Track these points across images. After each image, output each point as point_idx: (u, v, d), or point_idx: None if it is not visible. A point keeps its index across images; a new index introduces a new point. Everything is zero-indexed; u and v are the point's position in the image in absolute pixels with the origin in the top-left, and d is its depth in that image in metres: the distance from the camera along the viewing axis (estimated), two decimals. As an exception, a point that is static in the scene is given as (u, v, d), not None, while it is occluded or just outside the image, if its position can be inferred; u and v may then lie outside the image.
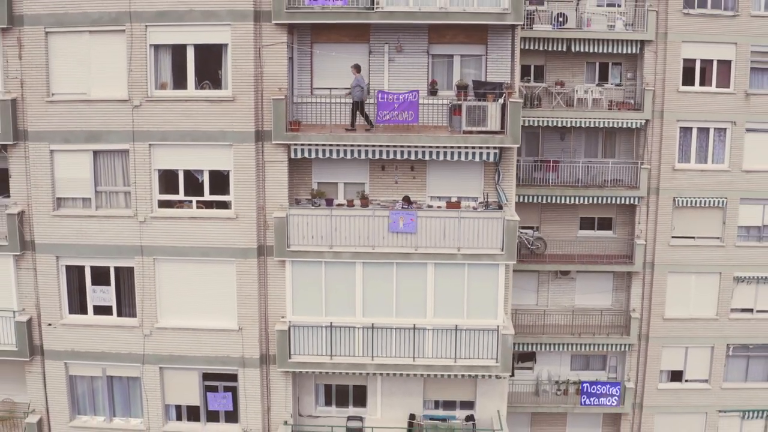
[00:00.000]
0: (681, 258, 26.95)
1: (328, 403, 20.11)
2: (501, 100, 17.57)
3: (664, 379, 28.00)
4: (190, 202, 18.54)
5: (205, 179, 18.36)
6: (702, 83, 26.25)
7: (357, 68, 17.88)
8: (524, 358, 28.18)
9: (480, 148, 17.92)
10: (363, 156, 18.17)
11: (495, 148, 17.97)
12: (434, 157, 18.18)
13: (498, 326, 18.31)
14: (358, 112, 17.95)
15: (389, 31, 18.27)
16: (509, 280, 18.57)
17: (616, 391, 26.93)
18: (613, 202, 26.58)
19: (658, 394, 27.85)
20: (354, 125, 18.10)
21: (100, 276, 19.09)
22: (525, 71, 26.39)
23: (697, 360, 27.83)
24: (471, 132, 17.68)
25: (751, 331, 27.69)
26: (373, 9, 17.23)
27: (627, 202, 26.62)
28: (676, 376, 27.97)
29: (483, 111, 17.36)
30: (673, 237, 26.91)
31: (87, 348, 19.32)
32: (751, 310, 27.68)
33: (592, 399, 27.10)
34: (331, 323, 18.42)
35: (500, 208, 18.44)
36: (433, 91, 18.52)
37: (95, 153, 18.44)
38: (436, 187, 19.03)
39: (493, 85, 17.85)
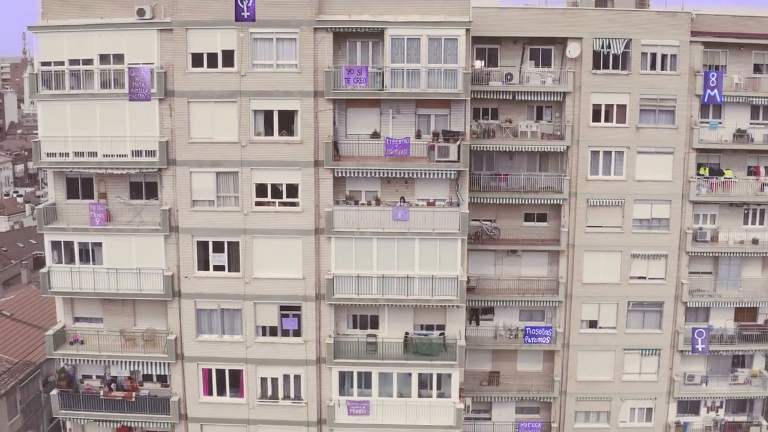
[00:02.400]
0: (593, 241, 41.06)
1: (354, 326, 34.55)
2: (458, 143, 31.88)
3: (584, 327, 42.05)
4: (274, 202, 32.83)
5: (284, 189, 32.71)
6: (606, 120, 40.24)
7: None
8: (486, 312, 42.21)
9: (446, 170, 32.26)
10: (377, 175, 32.57)
11: (454, 170, 32.27)
12: (419, 175, 32.56)
13: (457, 275, 32.66)
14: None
15: (392, 102, 32.64)
16: (464, 248, 32.98)
17: (549, 332, 41.01)
18: (546, 202, 40.56)
19: (580, 337, 42.00)
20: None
21: (218, 247, 33.40)
22: (484, 112, 40.44)
23: (607, 313, 41.94)
24: (440, 161, 32.01)
25: (644, 292, 41.81)
26: (383, 90, 31.56)
27: (555, 203, 40.65)
28: (593, 324, 42.03)
29: (447, 149, 31.71)
30: (587, 227, 40.99)
31: (208, 291, 33.66)
32: (644, 278, 41.78)
33: (532, 339, 41.18)
34: (357, 274, 32.83)
35: (458, 205, 32.74)
36: (418, 136, 32.89)
37: (217, 173, 32.76)
38: (421, 193, 33.47)
39: (453, 133, 32.20)
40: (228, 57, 32.34)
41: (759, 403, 44.49)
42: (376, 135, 33.06)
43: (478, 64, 39.70)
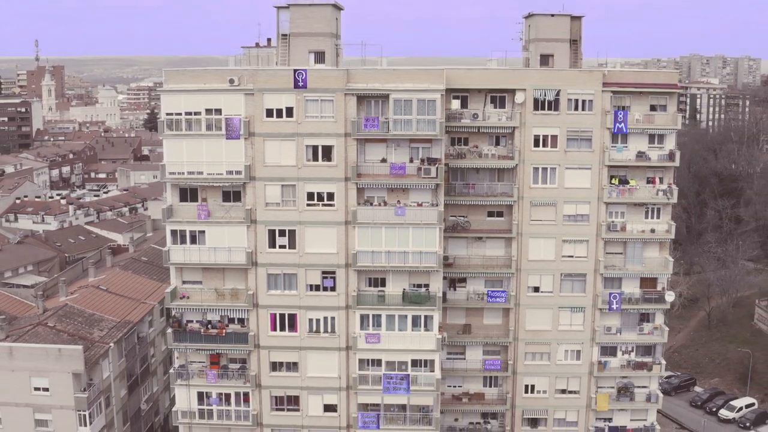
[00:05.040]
0: (535, 230, 61.96)
1: (370, 285, 55.86)
2: (436, 165, 52.94)
3: (530, 291, 62.96)
4: (319, 204, 53.92)
5: (325, 195, 53.92)
6: (543, 146, 61.13)
7: None
8: (460, 281, 63.08)
9: (428, 183, 53.42)
10: (384, 186, 53.81)
11: (434, 183, 53.35)
12: (411, 186, 53.82)
13: (436, 251, 53.77)
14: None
15: (394, 139, 53.87)
16: (441, 233, 54.44)
17: (504, 295, 61.94)
18: (502, 203, 61.52)
19: (527, 299, 62.92)
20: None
21: (282, 233, 54.67)
22: (459, 140, 61.36)
23: (546, 281, 62.82)
24: (425, 177, 53.21)
25: (572, 267, 62.71)
26: (388, 132, 52.65)
27: (508, 204, 61.59)
28: (536, 289, 62.98)
29: (429, 169, 52.85)
30: (531, 220, 61.91)
31: (275, 262, 54.92)
32: (572, 256, 62.63)
33: (493, 299, 62.13)
34: (372, 250, 53.97)
35: (437, 206, 53.73)
36: (411, 161, 53.99)
37: (282, 186, 53.93)
38: (413, 197, 54.84)
39: (434, 160, 53.37)
40: (289, 111, 53.38)
41: (659, 348, 65.39)
42: (383, 161, 54.14)
43: (456, 104, 60.52)
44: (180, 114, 54.10)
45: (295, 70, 53.00)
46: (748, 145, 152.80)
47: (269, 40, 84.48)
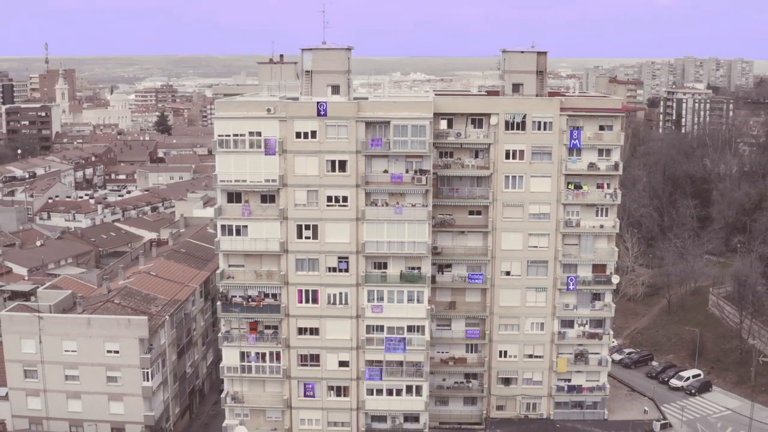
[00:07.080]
0: (507, 226, 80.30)
1: (374, 267, 74.86)
2: (426, 176, 71.22)
3: (503, 275, 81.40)
4: (336, 205, 72.36)
5: (341, 198, 72.21)
6: (513, 158, 79.41)
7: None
8: (447, 266, 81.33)
9: (420, 189, 71.81)
10: (386, 191, 72.04)
11: (425, 189, 71.68)
12: (407, 191, 71.93)
13: (426, 241, 72.18)
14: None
15: (394, 155, 72.13)
16: (430, 228, 73.01)
17: (482, 277, 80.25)
18: (480, 204, 79.67)
19: (501, 280, 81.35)
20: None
21: (307, 227, 73.18)
22: (445, 154, 79.53)
23: (516, 267, 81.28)
24: (417, 185, 71.58)
25: (537, 255, 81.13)
26: (389, 150, 71.03)
27: (485, 204, 79.85)
28: (508, 273, 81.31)
29: (421, 178, 71.20)
30: (504, 218, 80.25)
31: (302, 249, 73.87)
32: (536, 247, 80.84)
33: (472, 281, 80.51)
34: (376, 241, 72.35)
35: (426, 206, 72.00)
36: (407, 172, 72.23)
37: (308, 191, 72.46)
38: (408, 200, 73.60)
39: (425, 171, 71.76)
40: (313, 134, 71.78)
41: (608, 321, 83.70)
42: (386, 171, 72.34)
43: (443, 124, 78.68)
44: (228, 135, 72.18)
45: (318, 102, 71.19)
46: (721, 150, 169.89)
47: (282, 56, 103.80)
